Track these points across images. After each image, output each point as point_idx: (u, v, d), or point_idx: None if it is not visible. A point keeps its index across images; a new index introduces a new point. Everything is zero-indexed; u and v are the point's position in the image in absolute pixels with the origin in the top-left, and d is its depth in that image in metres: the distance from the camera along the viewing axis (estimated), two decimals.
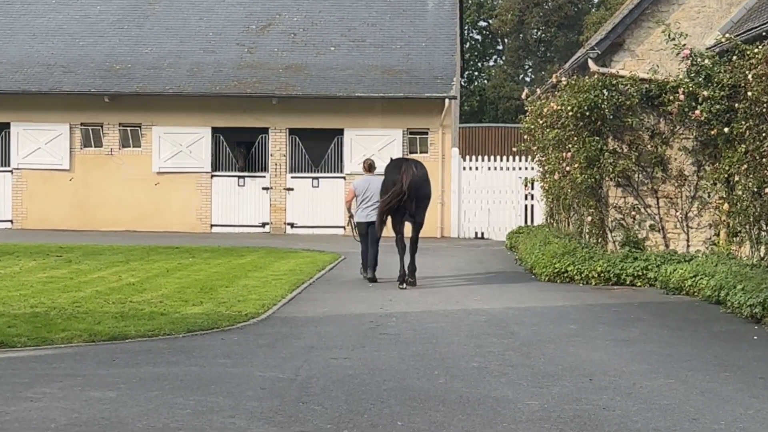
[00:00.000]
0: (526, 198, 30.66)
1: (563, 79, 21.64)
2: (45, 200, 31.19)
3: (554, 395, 8.47)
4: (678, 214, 19.00)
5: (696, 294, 15.76)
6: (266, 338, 11.46)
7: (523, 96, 25.29)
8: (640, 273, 17.60)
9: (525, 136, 24.46)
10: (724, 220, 18.29)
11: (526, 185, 28.10)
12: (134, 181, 30.97)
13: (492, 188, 30.92)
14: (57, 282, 16.36)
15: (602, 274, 17.59)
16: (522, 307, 14.23)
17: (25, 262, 19.79)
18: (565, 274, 17.64)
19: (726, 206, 18.01)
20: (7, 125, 31.29)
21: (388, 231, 17.55)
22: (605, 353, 10.77)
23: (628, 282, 17.47)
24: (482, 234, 30.65)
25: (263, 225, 31.07)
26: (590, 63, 19.76)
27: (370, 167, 19.21)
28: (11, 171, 31.34)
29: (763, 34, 16.38)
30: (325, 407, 7.97)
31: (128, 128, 31.18)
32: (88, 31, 32.59)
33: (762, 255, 16.36)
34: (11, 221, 31.28)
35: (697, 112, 17.82)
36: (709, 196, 18.85)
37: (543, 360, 9.78)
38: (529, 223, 29.86)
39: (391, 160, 18.92)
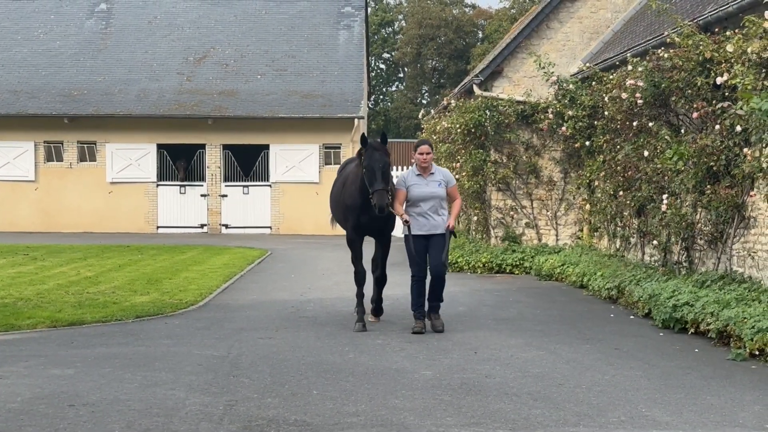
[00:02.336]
0: None
1: (453, 101, 21.87)
2: (13, 207, 30.73)
3: (445, 366, 8.55)
4: (549, 213, 19.29)
5: (564, 280, 16.03)
6: (203, 322, 11.41)
7: (420, 116, 25.50)
8: (517, 263, 17.89)
9: None
10: (586, 218, 18.60)
11: None
12: (91, 190, 30.78)
13: None
14: (24, 276, 16.09)
15: (486, 264, 17.81)
16: None
17: None
18: (456, 265, 17.78)
19: (588, 207, 18.31)
20: None
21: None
22: (488, 330, 10.88)
23: (508, 270, 17.72)
24: None
25: (202, 226, 30.93)
26: (475, 88, 19.94)
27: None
28: None
29: (617, 63, 16.67)
30: (253, 379, 7.96)
31: (85, 145, 30.96)
32: (49, 62, 32.16)
33: (617, 247, 16.65)
34: None
35: (564, 128, 18.09)
36: (574, 198, 19.16)
37: (436, 337, 9.87)
38: None
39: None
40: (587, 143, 17.49)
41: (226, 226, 30.93)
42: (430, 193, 10.72)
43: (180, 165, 30.97)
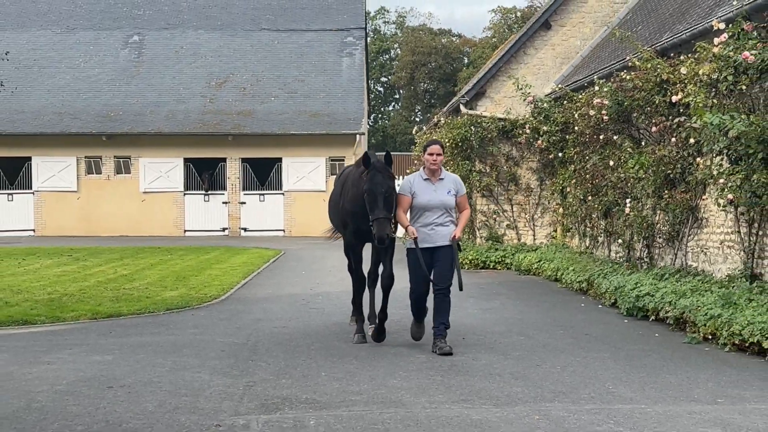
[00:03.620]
0: None
1: (442, 119, 21.95)
2: (59, 214, 30.73)
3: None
4: (527, 216, 19.31)
5: (540, 274, 16.03)
6: (225, 313, 11.39)
7: (414, 132, 25.41)
8: (500, 260, 17.91)
9: (416, 161, 24.59)
10: (560, 220, 18.62)
11: None
12: (126, 199, 30.73)
13: None
14: (68, 275, 16.07)
15: (473, 261, 17.81)
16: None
17: (43, 261, 19.44)
18: None
19: (561, 210, 18.34)
20: (29, 158, 30.80)
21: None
22: (474, 319, 10.87)
23: (491, 267, 17.72)
24: None
25: (223, 229, 30.84)
26: (461, 107, 19.96)
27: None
28: (33, 193, 30.84)
29: (585, 84, 16.68)
30: (269, 363, 7.96)
31: (121, 160, 30.87)
32: (89, 87, 32.12)
33: (587, 245, 16.67)
34: (33, 230, 30.72)
35: (539, 141, 18.12)
36: (548, 203, 19.18)
37: (429, 326, 9.85)
38: None
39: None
40: (560, 154, 17.54)
41: (245, 230, 30.86)
42: (439, 202, 8.57)
43: (204, 176, 30.98)
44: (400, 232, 9.20)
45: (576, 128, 16.00)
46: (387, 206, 8.37)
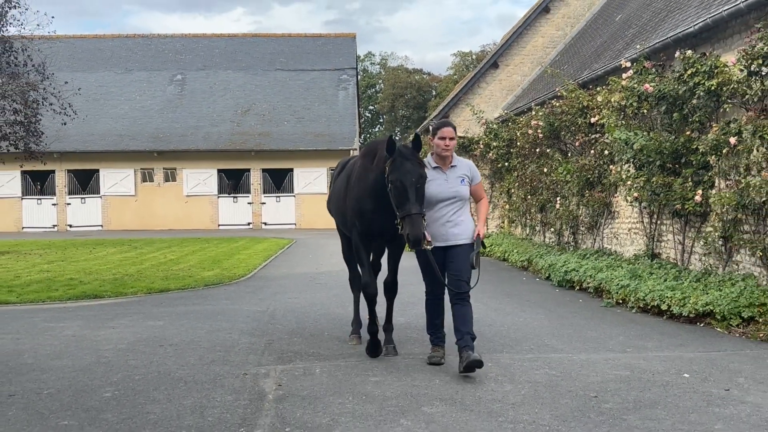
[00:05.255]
0: None
1: None
2: (120, 213, 30.61)
3: (413, 314, 8.52)
4: None
5: (492, 256, 16.07)
6: (250, 288, 11.37)
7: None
8: None
9: None
10: (507, 214, 18.68)
11: None
12: (172, 201, 30.70)
13: None
14: (128, 260, 16.00)
15: None
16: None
17: (109, 249, 19.34)
18: None
19: (507, 207, 18.39)
20: (98, 170, 30.75)
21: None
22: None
23: None
24: None
25: (248, 224, 30.81)
26: (431, 128, 19.98)
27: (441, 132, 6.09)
28: (100, 197, 30.78)
29: (525, 109, 16.74)
30: (284, 326, 7.93)
31: (168, 170, 30.79)
32: (143, 115, 32.00)
33: (527, 233, 16.72)
34: (101, 226, 30.62)
35: (490, 154, 18.18)
36: (498, 201, 19.22)
37: (407, 295, 9.83)
38: None
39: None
40: (506, 164, 17.60)
41: (265, 224, 30.84)
42: (452, 193, 5.84)
43: (233, 183, 31.00)
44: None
45: (518, 143, 16.06)
46: (419, 199, 5.54)
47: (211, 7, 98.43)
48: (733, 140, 8.11)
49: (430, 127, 5.97)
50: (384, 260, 6.76)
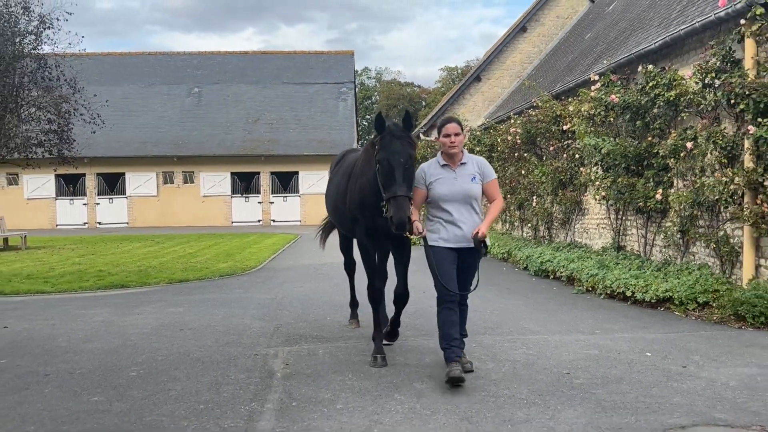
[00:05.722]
0: None
1: None
2: (144, 212, 30.52)
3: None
4: None
5: None
6: (260, 278, 11.35)
7: None
8: None
9: None
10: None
11: None
12: (191, 201, 30.60)
13: None
14: (151, 254, 15.96)
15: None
16: None
17: (134, 244, 19.29)
18: None
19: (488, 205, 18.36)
20: (123, 173, 30.61)
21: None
22: (430, 282, 10.84)
23: None
24: None
25: (258, 221, 30.74)
26: (421, 135, 19.95)
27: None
28: (126, 197, 30.67)
29: (505, 118, 16.73)
30: (291, 312, 7.93)
31: (187, 173, 30.68)
32: (164, 124, 31.86)
33: (507, 228, 16.73)
34: (127, 223, 30.52)
35: None
36: (481, 201, 19.22)
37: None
38: None
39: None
40: None
41: (273, 221, 30.76)
42: (461, 193, 4.86)
43: (244, 185, 30.95)
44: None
45: (499, 148, 16.06)
46: (407, 181, 4.63)
47: (225, 27, 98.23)
48: (689, 145, 8.14)
49: (437, 128, 5.04)
50: (390, 264, 5.57)
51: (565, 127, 11.79)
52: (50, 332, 6.91)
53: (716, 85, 7.61)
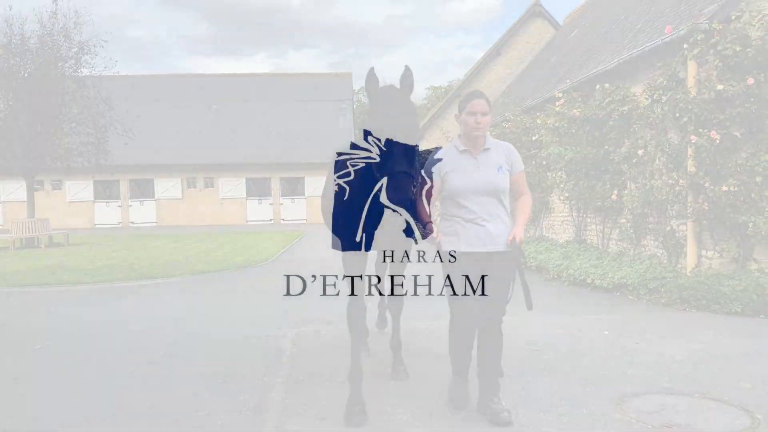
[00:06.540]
0: None
1: None
2: (171, 213, 30.33)
3: None
4: None
5: None
6: (271, 269, 11.26)
7: None
8: None
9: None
10: None
11: None
12: (211, 203, 30.38)
13: None
14: (178, 249, 15.85)
15: None
16: None
17: (161, 241, 19.13)
18: None
19: None
20: (153, 179, 30.33)
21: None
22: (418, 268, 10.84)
23: None
24: None
25: (270, 220, 30.61)
26: (459, 103, 19.95)
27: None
28: (155, 200, 30.40)
29: None
30: (298, 298, 7.40)
31: (208, 179, 30.50)
32: (187, 136, 31.63)
33: None
34: (156, 223, 30.32)
35: None
36: None
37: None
38: None
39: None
40: None
41: (283, 220, 30.64)
42: (485, 184, 3.32)
43: (257, 189, 30.88)
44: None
45: None
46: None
47: (241, 52, 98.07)
48: (640, 152, 8.17)
49: (459, 102, 3.55)
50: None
51: (533, 138, 11.80)
52: (91, 318, 6.85)
53: (663, 101, 7.64)
